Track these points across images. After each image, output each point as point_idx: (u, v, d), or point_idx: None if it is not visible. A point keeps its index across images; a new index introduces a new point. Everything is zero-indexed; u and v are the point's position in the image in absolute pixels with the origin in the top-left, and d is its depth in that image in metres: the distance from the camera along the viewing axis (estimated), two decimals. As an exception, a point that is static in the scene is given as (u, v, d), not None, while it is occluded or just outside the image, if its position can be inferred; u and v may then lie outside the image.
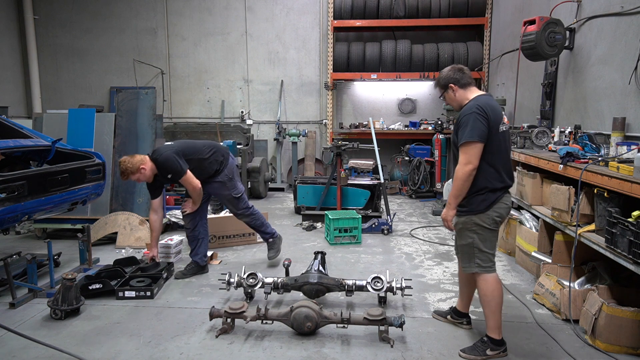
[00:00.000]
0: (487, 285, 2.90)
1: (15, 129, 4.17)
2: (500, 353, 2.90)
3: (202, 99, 9.42)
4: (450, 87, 2.98)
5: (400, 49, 8.35)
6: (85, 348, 3.06)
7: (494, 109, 2.83)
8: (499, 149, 2.84)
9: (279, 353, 3.01)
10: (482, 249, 2.91)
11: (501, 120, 2.86)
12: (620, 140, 3.68)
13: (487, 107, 2.80)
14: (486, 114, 2.77)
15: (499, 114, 2.86)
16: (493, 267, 2.94)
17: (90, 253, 4.46)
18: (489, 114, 2.78)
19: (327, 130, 9.00)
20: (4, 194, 3.29)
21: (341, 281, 3.64)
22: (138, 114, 5.82)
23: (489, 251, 2.92)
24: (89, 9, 9.33)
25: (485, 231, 2.88)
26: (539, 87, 5.73)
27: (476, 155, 2.76)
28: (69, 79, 9.56)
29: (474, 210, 2.87)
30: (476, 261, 2.92)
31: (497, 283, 2.92)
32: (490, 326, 2.92)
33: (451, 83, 2.97)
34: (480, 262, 2.91)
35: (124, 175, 4.04)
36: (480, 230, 2.89)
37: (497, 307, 2.89)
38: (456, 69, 3.00)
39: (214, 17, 9.17)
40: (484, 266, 2.91)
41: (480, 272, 2.92)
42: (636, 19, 3.92)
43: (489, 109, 2.79)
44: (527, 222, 4.59)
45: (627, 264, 2.84)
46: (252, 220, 4.64)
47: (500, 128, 2.84)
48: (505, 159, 2.92)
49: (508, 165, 2.93)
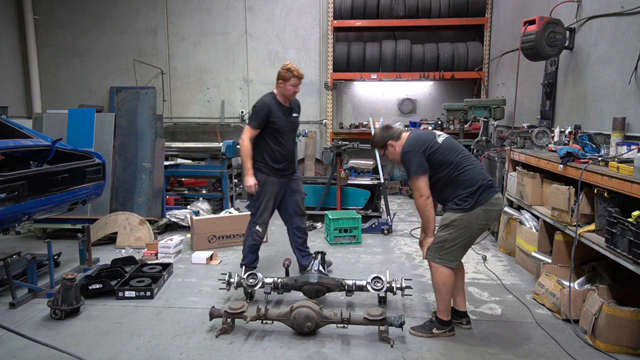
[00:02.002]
0: (439, 275, 3.12)
1: (15, 129, 4.17)
2: (447, 332, 3.19)
3: (202, 99, 9.42)
4: (390, 144, 3.22)
5: (400, 49, 8.35)
6: (85, 348, 3.06)
7: (419, 136, 3.16)
8: (450, 156, 3.07)
9: (279, 353, 3.01)
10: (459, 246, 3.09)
11: (433, 137, 3.14)
12: (620, 140, 3.68)
13: (414, 139, 3.13)
14: (418, 147, 3.08)
15: (429, 134, 3.19)
16: (455, 264, 3.13)
17: (90, 253, 4.46)
18: (420, 144, 3.09)
19: (327, 130, 9.00)
20: (4, 194, 3.29)
21: (341, 281, 3.64)
22: (138, 114, 5.82)
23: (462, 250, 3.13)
24: (89, 9, 9.33)
25: (472, 230, 3.06)
26: (539, 87, 5.73)
27: (425, 186, 3.06)
28: (69, 79, 9.56)
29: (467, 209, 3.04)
30: (441, 253, 3.10)
31: (450, 276, 3.12)
32: (440, 309, 3.19)
33: (389, 140, 3.22)
34: (447, 256, 3.10)
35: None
36: (469, 228, 3.06)
37: (447, 294, 3.15)
38: (383, 128, 3.31)
39: (214, 17, 9.17)
40: (448, 259, 3.10)
41: (442, 264, 3.10)
42: (636, 19, 3.92)
43: (418, 141, 3.11)
44: (527, 222, 4.59)
45: (627, 264, 2.84)
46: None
47: (437, 141, 3.11)
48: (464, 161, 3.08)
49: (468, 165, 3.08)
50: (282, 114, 4.07)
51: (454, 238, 3.06)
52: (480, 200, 3.02)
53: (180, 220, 6.02)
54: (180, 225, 6.02)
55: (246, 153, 4.02)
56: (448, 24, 8.45)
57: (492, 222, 3.15)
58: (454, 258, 3.11)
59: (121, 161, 5.76)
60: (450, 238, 3.07)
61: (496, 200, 3.08)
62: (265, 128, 4.03)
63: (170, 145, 7.01)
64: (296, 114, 4.27)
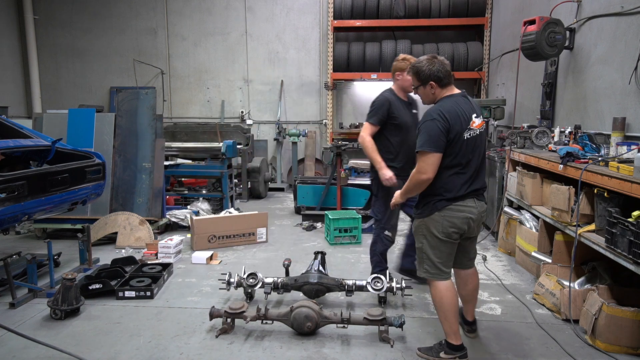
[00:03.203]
0: (435, 291, 2.84)
1: (15, 129, 4.17)
2: (456, 358, 2.82)
3: (202, 99, 9.42)
4: (431, 84, 2.78)
5: (400, 49, 8.34)
6: (85, 348, 3.06)
7: (457, 116, 2.67)
8: (461, 156, 2.70)
9: (279, 353, 3.01)
10: (430, 256, 2.81)
11: (467, 126, 2.69)
12: (620, 140, 3.68)
13: (450, 113, 2.66)
14: (447, 122, 2.64)
15: (465, 120, 2.69)
16: (443, 276, 2.82)
17: (90, 253, 4.46)
18: (450, 122, 2.64)
19: (327, 130, 9.00)
20: (4, 194, 3.29)
21: (341, 281, 3.64)
22: (138, 114, 5.82)
23: (436, 260, 2.80)
24: (89, 9, 9.33)
25: (435, 239, 2.78)
26: (539, 87, 5.73)
27: (432, 166, 2.65)
28: (69, 79, 9.56)
29: (426, 214, 2.79)
30: (424, 266, 2.86)
31: (447, 291, 2.80)
32: (446, 331, 2.85)
33: (433, 81, 2.77)
34: (428, 269, 2.84)
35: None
36: (430, 236, 2.79)
37: (446, 313, 2.81)
38: (438, 63, 2.76)
39: (214, 17, 9.17)
40: (431, 272, 2.83)
41: (428, 277, 2.85)
42: (636, 19, 3.92)
43: (451, 116, 2.65)
44: (527, 222, 4.58)
45: (627, 264, 2.84)
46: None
47: (464, 135, 2.68)
48: (471, 165, 2.75)
49: (474, 172, 2.77)
50: (403, 109, 3.82)
51: (425, 248, 2.83)
52: (438, 206, 2.74)
53: (180, 220, 6.02)
54: (180, 225, 6.02)
55: (372, 148, 3.74)
56: (448, 24, 8.44)
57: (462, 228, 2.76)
58: (436, 270, 2.82)
59: (121, 161, 5.76)
60: (422, 247, 2.85)
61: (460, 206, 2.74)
62: (385, 125, 3.79)
63: (170, 145, 7.02)
64: (416, 111, 3.94)
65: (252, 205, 7.58)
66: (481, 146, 2.82)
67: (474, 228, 2.86)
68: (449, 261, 2.86)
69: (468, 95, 2.86)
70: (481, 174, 2.85)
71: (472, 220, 2.79)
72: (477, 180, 2.80)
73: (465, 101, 2.78)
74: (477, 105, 2.85)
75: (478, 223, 2.88)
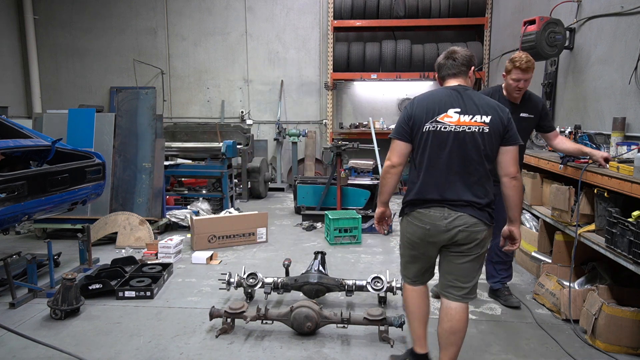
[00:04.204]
0: (403, 291, 2.75)
1: (15, 129, 4.17)
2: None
3: (202, 99, 9.42)
4: (437, 77, 2.64)
5: (400, 49, 8.35)
6: (85, 348, 3.06)
7: (425, 105, 2.42)
8: (424, 151, 2.43)
9: (279, 353, 3.01)
10: (401, 255, 2.70)
11: (432, 117, 2.39)
12: (620, 140, 3.68)
13: (420, 102, 2.46)
14: (411, 110, 2.45)
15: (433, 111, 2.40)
16: (406, 280, 2.67)
17: (90, 253, 4.46)
18: (413, 111, 2.44)
19: (327, 130, 9.00)
20: (4, 194, 3.29)
21: (341, 281, 3.64)
22: (138, 114, 5.82)
23: (402, 259, 2.69)
24: (89, 9, 9.33)
25: (404, 242, 2.62)
26: (539, 87, 5.72)
27: (396, 153, 2.50)
28: (69, 79, 9.56)
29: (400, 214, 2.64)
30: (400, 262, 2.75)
31: (410, 292, 2.64)
32: (411, 337, 2.72)
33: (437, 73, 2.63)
34: (401, 267, 2.73)
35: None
36: (401, 236, 2.65)
37: (409, 317, 2.67)
38: (448, 53, 2.56)
39: (214, 17, 9.17)
40: (402, 272, 2.73)
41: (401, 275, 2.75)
42: (636, 19, 3.92)
43: (418, 105, 2.44)
44: (527, 222, 4.59)
45: (627, 264, 2.84)
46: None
47: (425, 126, 2.40)
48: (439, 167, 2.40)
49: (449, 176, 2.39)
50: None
51: (400, 246, 2.70)
52: (405, 210, 2.57)
53: (180, 220, 6.02)
54: (180, 225, 6.02)
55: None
56: (448, 24, 8.44)
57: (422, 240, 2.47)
58: (405, 272, 2.67)
59: (121, 161, 5.76)
60: (399, 244, 2.72)
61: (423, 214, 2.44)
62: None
63: (170, 145, 7.02)
64: (527, 115, 3.42)
65: (252, 205, 7.58)
66: (465, 148, 2.37)
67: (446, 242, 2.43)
68: (417, 270, 2.61)
69: (467, 90, 2.47)
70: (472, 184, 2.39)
71: (435, 232, 2.41)
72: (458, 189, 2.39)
73: (450, 94, 2.44)
74: (476, 102, 2.41)
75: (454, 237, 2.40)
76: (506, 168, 2.43)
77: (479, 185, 2.41)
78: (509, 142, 2.42)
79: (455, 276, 2.48)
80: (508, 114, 2.44)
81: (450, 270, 2.50)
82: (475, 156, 2.38)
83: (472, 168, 2.39)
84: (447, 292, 2.52)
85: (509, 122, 2.42)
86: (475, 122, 2.38)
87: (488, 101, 2.46)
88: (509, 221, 2.55)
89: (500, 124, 2.39)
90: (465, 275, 2.47)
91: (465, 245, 2.42)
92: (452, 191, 2.39)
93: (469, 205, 2.39)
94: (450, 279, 2.50)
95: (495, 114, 2.40)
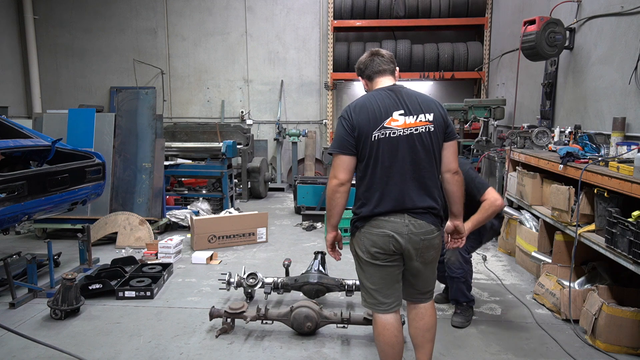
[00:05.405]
0: (373, 325, 2.43)
1: (15, 129, 4.17)
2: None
3: (202, 99, 9.43)
4: (362, 80, 2.47)
5: (400, 49, 8.35)
6: (85, 348, 3.06)
7: (366, 112, 2.25)
8: (375, 161, 2.27)
9: (279, 353, 3.01)
10: (364, 282, 2.40)
11: (379, 124, 2.23)
12: (620, 140, 3.68)
13: (359, 108, 2.27)
14: (351, 119, 2.26)
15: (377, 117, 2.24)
16: (381, 307, 2.36)
17: (90, 253, 4.46)
18: (354, 120, 2.25)
19: (327, 130, 9.00)
20: (4, 194, 3.29)
21: (341, 281, 3.64)
22: (138, 114, 5.82)
23: (370, 286, 2.37)
24: (89, 9, 9.33)
25: (362, 261, 2.38)
26: (539, 87, 5.73)
27: (342, 169, 2.30)
28: (69, 79, 9.56)
29: (352, 234, 2.45)
30: (362, 295, 2.45)
31: (383, 329, 2.36)
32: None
33: (358, 74, 2.46)
34: (365, 297, 2.41)
35: None
36: (357, 259, 2.43)
37: (380, 355, 2.44)
38: (371, 52, 2.42)
39: (214, 17, 9.17)
40: (368, 302, 2.40)
41: (367, 308, 2.45)
42: (636, 19, 3.92)
43: (358, 112, 2.26)
44: (527, 222, 4.59)
45: (627, 264, 2.84)
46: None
47: (373, 135, 2.23)
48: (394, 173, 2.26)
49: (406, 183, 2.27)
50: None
51: (359, 273, 2.44)
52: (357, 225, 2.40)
53: (180, 220, 6.02)
54: (180, 225, 6.02)
55: None
56: (448, 24, 8.45)
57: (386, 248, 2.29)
58: (373, 300, 2.37)
59: (121, 161, 5.76)
60: (357, 274, 2.46)
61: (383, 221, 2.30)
62: None
63: (170, 145, 7.02)
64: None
65: (252, 205, 7.58)
66: (416, 151, 2.26)
67: (410, 250, 2.30)
68: (387, 288, 2.35)
69: (403, 89, 2.36)
70: (428, 189, 2.30)
71: (399, 240, 2.27)
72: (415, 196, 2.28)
73: (389, 95, 2.30)
74: (416, 100, 2.30)
75: (417, 246, 2.29)
76: (448, 164, 2.35)
77: (434, 187, 2.33)
78: (449, 137, 2.35)
79: (421, 285, 2.45)
80: (444, 108, 2.38)
81: (414, 284, 2.44)
82: (425, 158, 2.28)
83: (425, 171, 2.29)
84: (413, 298, 2.49)
85: (447, 116, 2.35)
86: (421, 122, 2.27)
87: (425, 97, 2.36)
88: (452, 216, 2.47)
89: (442, 120, 2.32)
90: (427, 281, 2.46)
91: (426, 253, 2.35)
92: (410, 199, 2.28)
93: (427, 213, 2.31)
94: (416, 288, 2.46)
95: (436, 110, 2.31)
